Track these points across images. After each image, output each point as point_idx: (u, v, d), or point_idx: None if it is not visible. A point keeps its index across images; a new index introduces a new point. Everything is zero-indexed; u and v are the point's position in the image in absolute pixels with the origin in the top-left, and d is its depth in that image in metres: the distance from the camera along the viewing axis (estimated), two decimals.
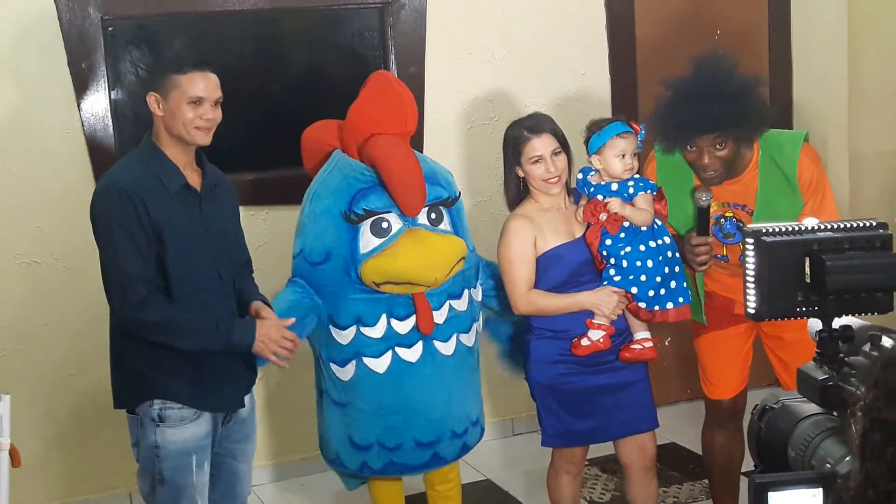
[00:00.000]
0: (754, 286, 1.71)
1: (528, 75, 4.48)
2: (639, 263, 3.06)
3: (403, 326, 3.16)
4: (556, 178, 3.14)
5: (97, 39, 3.91)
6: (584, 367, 3.16)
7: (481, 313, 3.39)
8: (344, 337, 3.19)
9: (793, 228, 1.70)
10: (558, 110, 4.38)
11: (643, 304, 3.08)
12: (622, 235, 3.08)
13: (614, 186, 3.10)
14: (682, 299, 3.11)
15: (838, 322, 1.70)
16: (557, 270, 3.14)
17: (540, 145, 3.13)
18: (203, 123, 2.77)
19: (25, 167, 3.90)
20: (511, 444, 4.58)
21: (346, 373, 3.21)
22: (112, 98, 3.99)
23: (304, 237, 3.24)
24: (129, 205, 2.70)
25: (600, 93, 4.60)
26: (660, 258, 3.08)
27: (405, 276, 3.09)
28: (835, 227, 1.71)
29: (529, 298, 3.15)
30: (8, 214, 3.89)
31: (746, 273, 1.72)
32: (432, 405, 3.21)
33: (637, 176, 3.13)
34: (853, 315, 1.70)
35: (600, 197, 3.11)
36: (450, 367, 3.23)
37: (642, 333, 3.19)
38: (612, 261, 3.10)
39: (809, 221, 1.72)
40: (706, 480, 3.83)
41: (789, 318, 1.71)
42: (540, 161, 3.13)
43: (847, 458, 1.52)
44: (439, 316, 3.18)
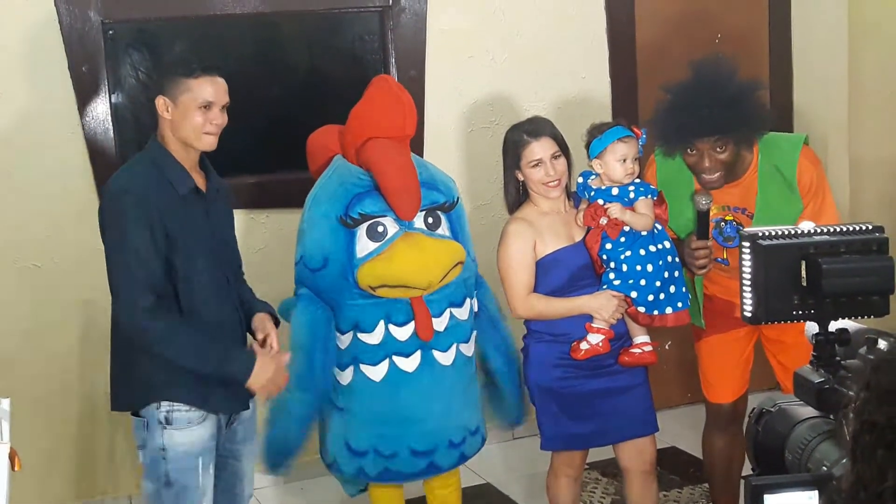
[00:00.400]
0: (751, 289, 1.72)
1: (529, 78, 4.47)
2: (639, 268, 3.06)
3: (402, 333, 3.14)
4: (555, 182, 3.14)
5: (98, 43, 3.90)
6: (583, 371, 3.16)
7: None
8: (342, 342, 3.18)
9: (789, 232, 1.71)
10: (558, 114, 4.38)
11: (642, 309, 3.08)
12: (622, 240, 3.08)
13: (615, 191, 3.10)
14: (681, 304, 3.11)
15: (835, 325, 1.70)
16: (557, 274, 3.14)
17: (539, 149, 3.13)
18: (212, 129, 2.77)
19: (26, 170, 3.90)
20: (511, 448, 4.58)
21: (345, 377, 3.21)
22: (112, 102, 3.99)
23: (304, 244, 3.24)
24: (141, 209, 2.67)
25: (601, 96, 4.60)
26: (660, 263, 3.08)
27: (399, 279, 3.09)
28: (831, 230, 1.71)
29: (529, 302, 3.15)
30: (7, 218, 3.89)
31: (743, 276, 1.72)
32: (429, 415, 3.19)
33: (638, 180, 3.13)
34: (849, 318, 1.71)
35: (601, 201, 3.11)
36: (448, 377, 3.21)
37: (642, 337, 3.19)
38: (612, 265, 3.10)
39: (806, 225, 1.72)
40: (706, 484, 3.83)
41: (785, 322, 1.72)
42: (539, 165, 3.13)
43: (843, 461, 1.52)
44: (439, 323, 3.17)
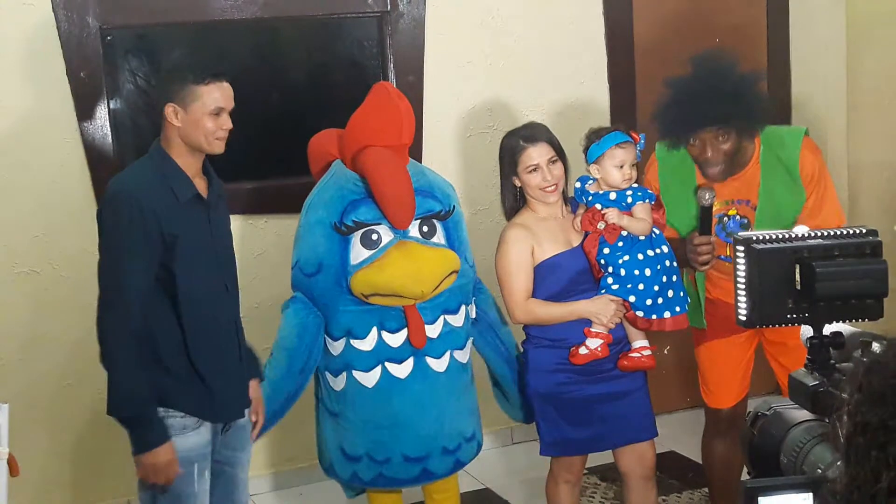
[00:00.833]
0: (745, 293, 1.72)
1: (527, 84, 4.48)
2: (637, 272, 3.06)
3: (395, 339, 3.14)
4: (552, 187, 3.14)
5: (96, 49, 3.91)
6: (582, 376, 3.16)
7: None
8: (335, 348, 3.18)
9: (783, 236, 1.71)
10: (557, 119, 4.39)
11: (641, 313, 3.08)
12: (620, 244, 3.08)
13: (612, 195, 3.10)
14: (679, 308, 3.11)
15: (829, 329, 1.71)
16: (555, 279, 3.14)
17: (536, 154, 3.13)
18: (223, 134, 2.77)
19: (24, 176, 3.90)
20: (510, 453, 4.58)
21: (339, 383, 3.21)
22: (111, 107, 3.99)
23: (300, 248, 3.24)
24: (138, 215, 2.67)
25: (599, 101, 4.60)
26: (658, 267, 3.08)
27: (391, 289, 3.08)
28: (825, 234, 1.72)
29: (527, 308, 3.15)
30: (7, 223, 3.89)
31: (737, 280, 1.73)
32: (421, 421, 3.18)
33: (635, 185, 3.13)
34: (844, 322, 1.71)
35: (598, 206, 3.12)
36: (442, 383, 3.20)
37: (640, 342, 3.19)
38: (611, 269, 3.10)
39: (800, 229, 1.73)
40: (706, 489, 3.83)
41: (780, 325, 1.73)
42: (537, 170, 3.13)
43: (838, 463, 1.52)
44: (433, 330, 3.15)
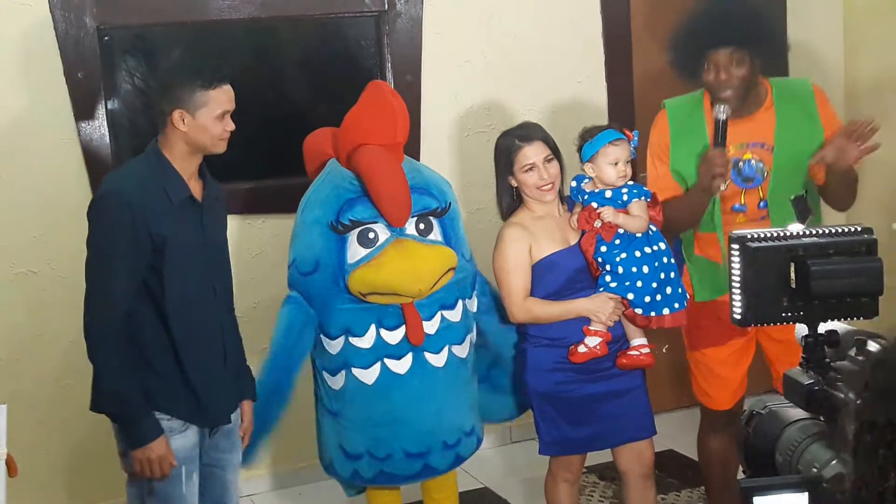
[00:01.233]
0: (740, 292, 1.72)
1: (525, 83, 4.48)
2: (634, 270, 3.06)
3: (393, 337, 3.14)
4: (549, 185, 3.14)
5: (93, 49, 3.91)
6: (581, 375, 3.16)
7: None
8: (333, 347, 3.18)
9: (778, 234, 1.71)
10: (554, 118, 4.39)
11: (639, 311, 3.08)
12: (617, 242, 3.08)
13: (608, 194, 3.11)
14: (678, 305, 3.11)
15: (824, 327, 1.71)
16: (553, 278, 3.14)
17: (532, 153, 3.13)
18: (227, 135, 2.77)
19: (22, 176, 3.90)
20: (509, 452, 4.58)
21: (337, 382, 3.21)
22: (108, 107, 3.99)
23: (296, 247, 3.24)
24: (127, 215, 2.65)
25: (597, 100, 4.60)
26: (655, 264, 3.08)
27: (389, 287, 3.08)
28: (819, 232, 1.72)
29: (526, 306, 3.15)
30: (4, 224, 3.89)
31: (732, 279, 1.73)
32: (421, 417, 3.19)
33: (631, 183, 3.13)
34: (839, 320, 1.71)
35: (594, 204, 3.12)
36: (441, 378, 3.21)
37: (639, 340, 3.19)
38: (608, 267, 3.10)
39: (794, 227, 1.73)
40: (703, 487, 3.82)
41: (775, 324, 1.73)
42: (533, 169, 3.13)
43: (833, 462, 1.52)
44: (430, 326, 3.16)
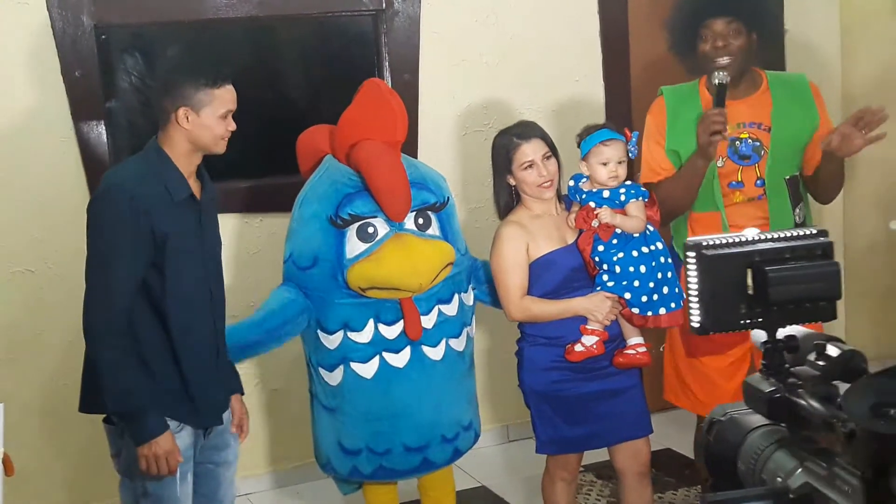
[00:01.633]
0: (697, 300, 1.69)
1: (523, 82, 4.48)
2: (631, 269, 3.07)
3: (391, 331, 3.15)
4: (548, 182, 3.14)
5: (91, 48, 3.90)
6: (578, 374, 3.16)
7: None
8: (331, 342, 3.18)
9: (733, 240, 1.67)
10: (552, 117, 4.39)
11: (636, 310, 3.08)
12: (614, 241, 3.08)
13: (606, 193, 3.11)
14: (674, 305, 3.10)
15: (782, 332, 1.67)
16: (550, 277, 3.14)
17: (530, 150, 3.13)
18: (228, 135, 2.76)
19: (19, 175, 3.90)
20: (506, 451, 4.58)
21: (335, 378, 3.21)
22: (106, 106, 3.99)
23: (293, 242, 3.24)
24: (130, 211, 2.61)
25: (594, 99, 4.60)
26: (652, 264, 3.08)
27: (389, 282, 3.09)
28: (775, 237, 1.69)
29: (523, 305, 3.15)
30: (1, 223, 3.89)
31: (689, 286, 1.69)
32: (421, 410, 3.20)
33: (629, 183, 3.13)
34: (798, 325, 1.67)
35: (592, 204, 3.12)
36: (439, 372, 3.22)
37: (635, 339, 3.19)
38: (605, 267, 3.10)
39: (749, 232, 1.70)
40: (700, 486, 3.83)
41: (734, 331, 1.70)
42: (532, 166, 3.13)
43: (799, 471, 1.49)
44: (428, 321, 3.17)
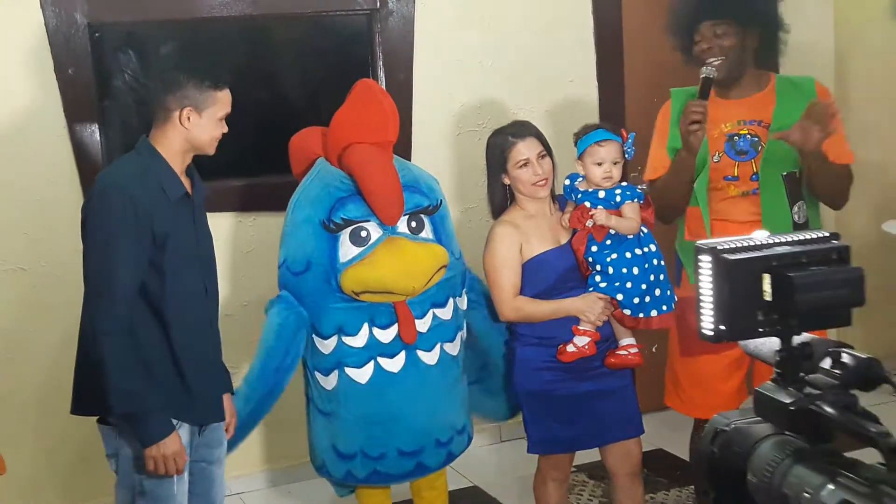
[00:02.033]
0: (712, 306, 1.57)
1: (517, 82, 4.48)
2: (625, 270, 3.07)
3: (386, 335, 3.14)
4: (543, 181, 3.14)
5: (84, 46, 3.90)
6: (570, 374, 3.16)
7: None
8: (326, 346, 3.18)
9: (748, 244, 1.57)
10: (546, 117, 4.40)
11: (628, 311, 3.08)
12: (608, 242, 3.09)
13: (601, 194, 3.11)
14: (665, 307, 3.11)
15: (797, 340, 1.57)
16: (543, 277, 3.14)
17: (525, 149, 3.14)
18: (220, 137, 2.77)
19: (12, 174, 3.89)
20: (498, 451, 4.59)
21: (330, 382, 3.20)
22: (99, 104, 3.99)
23: (287, 247, 3.23)
24: (130, 210, 2.61)
25: (588, 100, 4.61)
26: (645, 266, 3.09)
27: (383, 286, 3.09)
28: (788, 240, 1.59)
29: (515, 305, 3.15)
30: None
31: (701, 292, 1.58)
32: (415, 415, 3.19)
33: (624, 184, 3.14)
34: (814, 331, 1.58)
35: (588, 204, 3.12)
36: (433, 376, 3.21)
37: (627, 340, 3.19)
38: (598, 267, 3.10)
39: (759, 234, 1.59)
40: (692, 487, 3.84)
41: (750, 339, 1.60)
42: (527, 164, 3.13)
43: (830, 486, 1.41)
44: (422, 325, 3.17)
